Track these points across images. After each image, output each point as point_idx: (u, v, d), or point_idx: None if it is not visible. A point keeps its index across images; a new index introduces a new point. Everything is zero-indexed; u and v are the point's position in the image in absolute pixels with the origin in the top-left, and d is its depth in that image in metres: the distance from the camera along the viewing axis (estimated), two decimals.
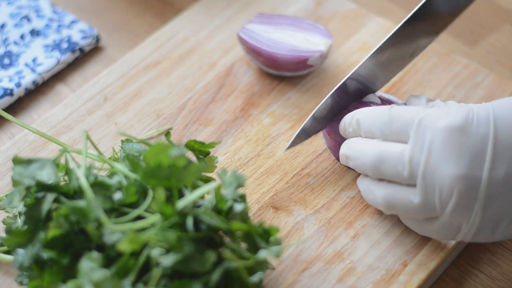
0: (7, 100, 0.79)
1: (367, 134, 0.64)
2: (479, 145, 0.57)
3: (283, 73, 0.78)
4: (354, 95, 0.71)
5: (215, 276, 0.55)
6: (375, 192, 0.64)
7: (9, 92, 0.79)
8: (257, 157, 0.73)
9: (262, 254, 0.57)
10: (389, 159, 0.61)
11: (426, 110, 0.61)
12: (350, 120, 0.67)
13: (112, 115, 0.77)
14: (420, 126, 0.60)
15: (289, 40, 0.77)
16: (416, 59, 0.79)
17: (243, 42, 0.78)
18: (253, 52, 0.77)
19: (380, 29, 0.84)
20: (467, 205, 0.58)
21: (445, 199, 0.58)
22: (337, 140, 0.70)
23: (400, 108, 0.63)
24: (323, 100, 0.69)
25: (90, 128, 0.76)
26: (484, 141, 0.58)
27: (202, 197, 0.61)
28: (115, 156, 0.68)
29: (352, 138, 0.66)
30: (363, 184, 0.66)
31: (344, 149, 0.66)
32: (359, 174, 0.71)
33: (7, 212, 0.68)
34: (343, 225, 0.67)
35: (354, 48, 0.82)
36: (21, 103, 0.81)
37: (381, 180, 0.63)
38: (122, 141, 0.67)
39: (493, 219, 0.59)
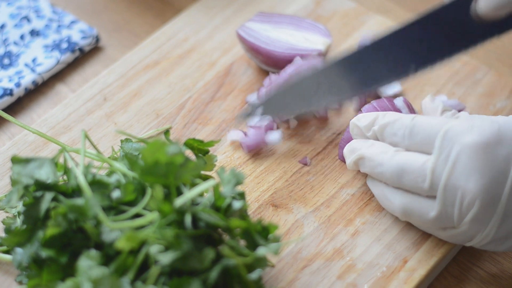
0: (7, 100, 0.79)
1: (390, 142, 0.64)
2: (503, 163, 0.58)
3: None
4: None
5: (214, 274, 0.55)
6: (392, 199, 0.64)
7: (9, 92, 0.79)
8: (257, 156, 0.73)
9: (261, 251, 0.57)
10: (410, 170, 0.61)
11: (450, 122, 0.61)
12: (371, 123, 0.65)
13: (111, 115, 0.77)
14: (446, 139, 0.60)
15: (288, 39, 0.77)
16: None
17: (242, 40, 0.78)
18: (252, 50, 0.77)
19: (379, 27, 0.84)
20: (484, 218, 0.59)
21: (464, 211, 0.59)
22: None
23: (422, 119, 0.62)
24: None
25: (90, 128, 0.76)
26: (508, 158, 0.58)
27: (201, 195, 0.61)
28: (114, 155, 0.68)
29: (369, 144, 0.65)
30: (377, 189, 0.65)
31: (357, 154, 0.65)
32: (359, 172, 0.71)
33: (6, 212, 0.68)
34: (343, 222, 0.67)
35: (353, 46, 0.82)
36: (21, 103, 0.81)
37: (397, 187, 0.63)
38: (122, 141, 0.67)
39: (505, 233, 0.60)
